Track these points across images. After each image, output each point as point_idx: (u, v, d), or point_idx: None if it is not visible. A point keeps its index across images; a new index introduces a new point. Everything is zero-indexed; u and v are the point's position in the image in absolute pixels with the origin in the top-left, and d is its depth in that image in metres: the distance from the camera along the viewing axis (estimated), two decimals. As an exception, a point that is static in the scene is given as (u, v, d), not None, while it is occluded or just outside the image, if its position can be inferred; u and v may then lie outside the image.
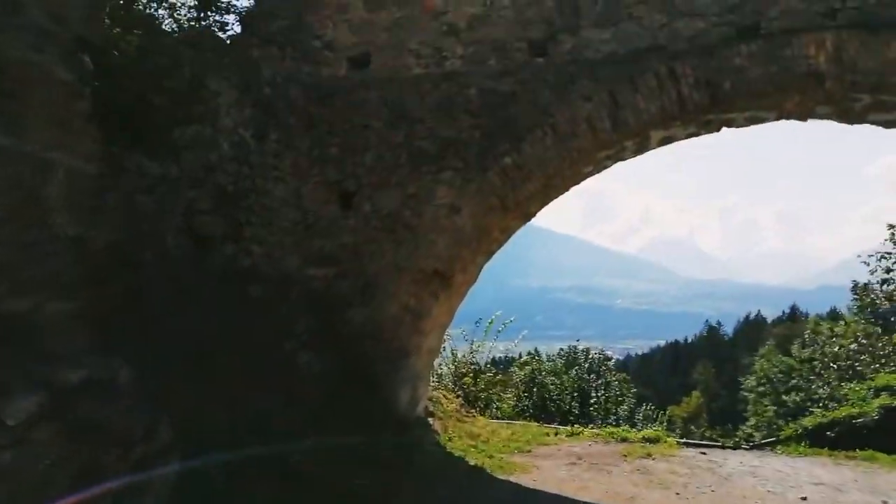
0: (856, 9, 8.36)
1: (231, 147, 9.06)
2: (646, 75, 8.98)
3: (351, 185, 10.06)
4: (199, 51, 8.57)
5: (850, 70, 8.34)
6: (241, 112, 9.20)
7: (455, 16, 9.82)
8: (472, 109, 9.62)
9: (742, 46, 8.68)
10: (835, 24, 8.41)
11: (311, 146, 10.22)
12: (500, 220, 9.71)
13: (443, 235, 9.63)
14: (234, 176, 9.11)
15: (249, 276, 9.21)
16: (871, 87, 8.37)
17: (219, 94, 8.85)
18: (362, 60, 10.23)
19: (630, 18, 9.15)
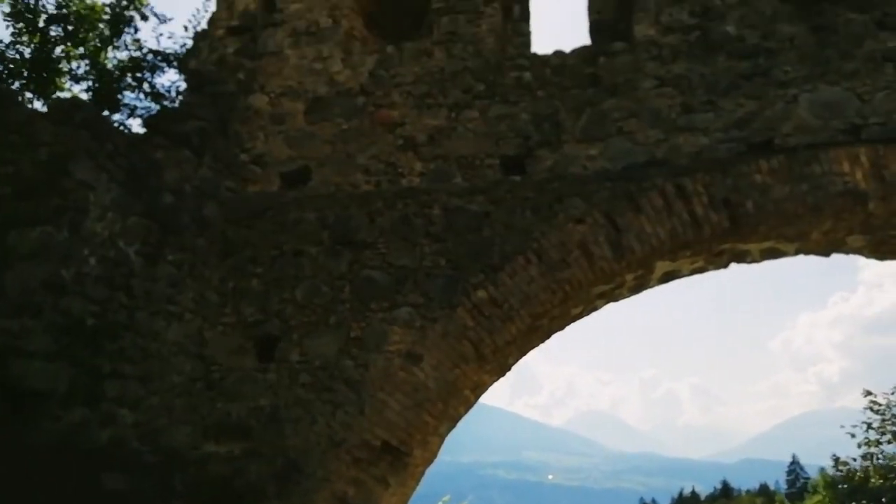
0: (881, 124, 5.32)
1: (101, 263, 4.64)
2: (649, 193, 5.48)
3: (274, 329, 5.70)
4: (66, 128, 4.37)
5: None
6: (122, 218, 4.88)
7: (414, 128, 6.17)
8: (435, 232, 5.72)
9: (762, 162, 5.39)
10: (859, 140, 5.30)
11: (224, 277, 5.89)
12: (473, 374, 5.51)
13: (397, 394, 5.31)
14: (101, 304, 4.61)
15: (107, 457, 4.43)
16: (922, 209, 5.15)
17: (90, 187, 4.55)
18: (299, 177, 6.29)
19: (620, 133, 5.78)
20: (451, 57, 6.36)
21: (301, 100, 6.54)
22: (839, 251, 5.95)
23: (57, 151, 4.40)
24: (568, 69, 6.18)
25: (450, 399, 5.36)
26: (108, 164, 4.69)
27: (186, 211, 5.59)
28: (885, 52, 5.54)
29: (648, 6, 6.11)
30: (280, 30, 6.86)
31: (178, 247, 5.45)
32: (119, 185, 4.82)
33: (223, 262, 5.97)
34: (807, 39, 5.72)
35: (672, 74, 5.87)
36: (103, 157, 4.65)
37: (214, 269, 5.89)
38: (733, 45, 5.83)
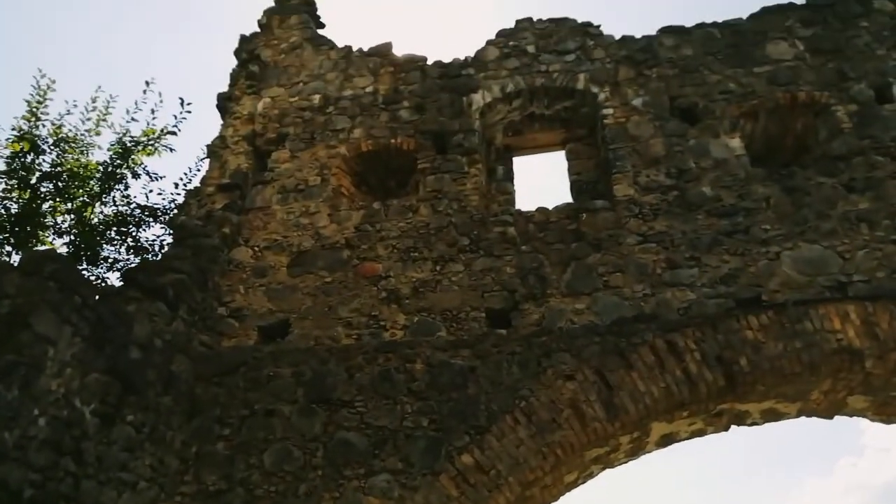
0: (865, 282, 5.43)
1: (50, 424, 4.33)
2: (640, 349, 5.38)
3: (238, 500, 5.23)
4: (33, 279, 4.36)
5: (894, 348, 5.09)
6: (82, 374, 4.65)
7: (398, 281, 6.20)
8: (417, 389, 5.50)
9: (752, 318, 5.38)
10: (847, 297, 5.36)
11: (188, 440, 5.52)
12: (456, 552, 4.97)
13: (370, 578, 4.73)
14: (44, 472, 4.23)
15: None
16: (922, 367, 5.06)
17: (50, 342, 4.39)
18: (278, 330, 6.18)
19: (606, 287, 5.83)
20: (437, 213, 6.58)
21: (285, 253, 6.63)
22: (842, 413, 5.74)
23: (20, 304, 4.30)
24: (551, 225, 6.38)
25: (432, 585, 4.77)
26: (73, 317, 4.57)
27: (153, 367, 5.37)
28: (859, 213, 5.80)
29: (626, 168, 6.49)
30: (269, 187, 7.16)
31: (140, 406, 5.15)
32: (83, 340, 4.65)
33: (188, 422, 5.63)
34: (782, 200, 6.02)
35: (654, 231, 6.07)
36: (69, 309, 4.54)
37: (178, 431, 5.53)
38: (711, 205, 6.10)
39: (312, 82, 7.89)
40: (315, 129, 7.48)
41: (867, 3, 7.00)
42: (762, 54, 6.93)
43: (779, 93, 6.67)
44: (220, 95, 8.13)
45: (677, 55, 7.14)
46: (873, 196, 5.85)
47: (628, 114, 6.86)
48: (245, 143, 7.58)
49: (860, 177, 5.98)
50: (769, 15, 7.16)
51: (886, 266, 5.47)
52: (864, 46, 6.74)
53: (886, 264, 5.48)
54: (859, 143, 6.17)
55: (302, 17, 8.65)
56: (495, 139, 7.53)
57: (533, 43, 7.61)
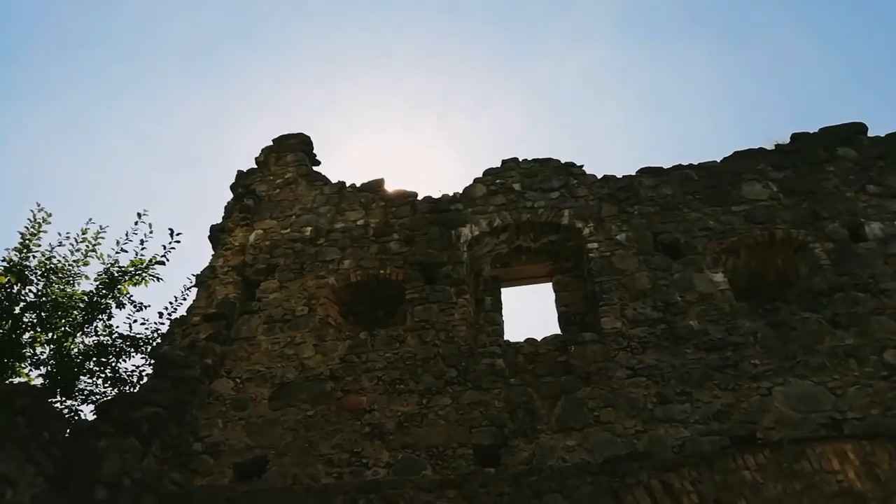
0: (860, 419, 5.49)
1: (1, 571, 4.13)
2: (635, 490, 5.29)
3: None
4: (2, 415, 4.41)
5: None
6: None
7: (383, 415, 6.18)
8: (400, 535, 5.28)
9: (748, 457, 5.36)
10: (843, 435, 5.40)
11: (147, 592, 5.20)
12: None
13: None
14: None
15: None
16: (929, 511, 4.98)
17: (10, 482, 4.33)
18: (255, 468, 6.04)
19: (598, 423, 5.84)
20: (424, 343, 6.70)
21: (267, 385, 6.64)
22: (857, 564, 5.51)
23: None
24: (540, 357, 6.49)
25: None
26: (39, 454, 4.51)
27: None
28: (846, 349, 5.97)
29: (612, 300, 6.73)
30: (256, 317, 7.31)
31: (100, 551, 4.91)
32: (46, 479, 4.55)
33: (149, 571, 5.33)
34: (769, 334, 6.21)
35: (644, 364, 6.18)
36: (36, 447, 4.49)
37: (137, 581, 5.22)
38: (699, 338, 6.27)
39: (305, 215, 8.34)
40: (305, 259, 7.79)
41: (832, 149, 7.67)
42: (738, 194, 7.47)
43: (756, 230, 7.10)
44: (213, 227, 8.53)
45: (657, 193, 7.67)
46: (858, 332, 6.06)
47: (613, 248, 7.24)
48: (234, 274, 7.84)
49: (843, 312, 6.22)
50: (741, 158, 7.80)
51: (879, 403, 5.55)
52: (834, 189, 7.29)
53: (879, 401, 5.56)
54: (839, 279, 6.49)
55: (298, 154, 9.32)
56: (483, 270, 7.84)
57: (519, 181, 8.17)
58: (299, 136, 9.54)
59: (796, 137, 7.91)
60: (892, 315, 6.09)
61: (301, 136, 9.55)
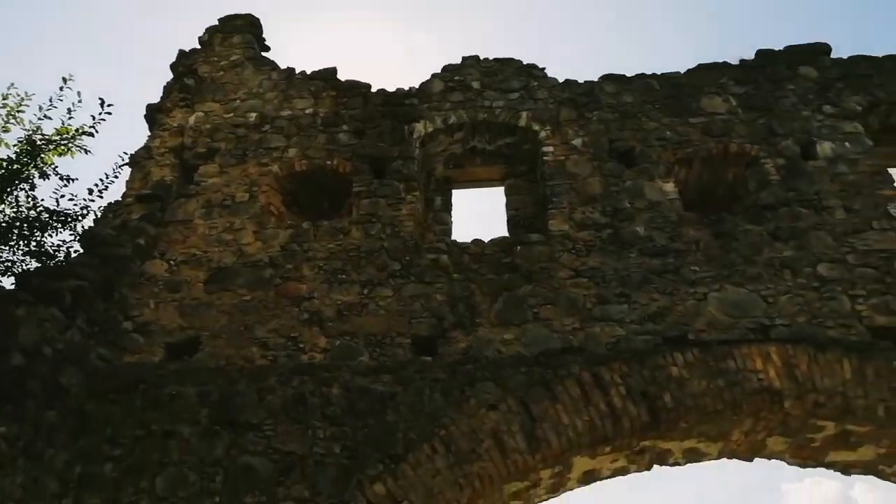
0: (787, 326, 5.86)
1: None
2: (566, 381, 5.58)
3: (121, 527, 5.00)
4: None
5: (811, 389, 5.47)
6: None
7: (322, 303, 6.27)
8: (333, 414, 5.50)
9: (677, 355, 5.69)
10: (769, 339, 5.76)
11: (70, 460, 5.30)
12: (360, 590, 4.87)
13: None
14: None
15: None
16: (838, 410, 5.44)
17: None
18: (187, 348, 6.10)
19: (536, 319, 6.06)
20: (369, 236, 6.75)
21: (203, 269, 6.62)
22: (761, 455, 6.02)
23: None
24: (486, 257, 6.63)
25: None
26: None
27: (38, 377, 5.19)
28: (783, 261, 6.28)
29: (562, 204, 6.87)
30: (193, 200, 7.20)
31: (16, 417, 4.94)
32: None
33: (75, 441, 5.42)
34: (711, 244, 6.46)
35: (587, 266, 6.39)
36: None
37: (61, 450, 5.30)
38: (643, 244, 6.49)
39: (250, 100, 8.10)
40: (248, 146, 7.63)
41: (794, 68, 7.80)
42: (697, 106, 7.57)
43: (712, 143, 7.26)
44: (150, 106, 8.22)
45: (617, 101, 7.72)
46: (796, 245, 6.36)
47: (568, 152, 7.31)
48: (171, 156, 7.65)
49: (785, 226, 6.51)
50: (704, 71, 7.87)
51: (807, 312, 5.91)
52: (791, 107, 7.47)
53: (807, 310, 5.92)
54: (785, 194, 6.75)
55: (245, 37, 8.94)
56: (435, 170, 7.84)
57: (478, 79, 8.08)
58: (247, 18, 9.13)
59: (761, 54, 8.00)
60: (830, 231, 6.40)
61: (249, 17, 9.15)
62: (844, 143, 7.05)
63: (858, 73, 7.64)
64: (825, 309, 5.88)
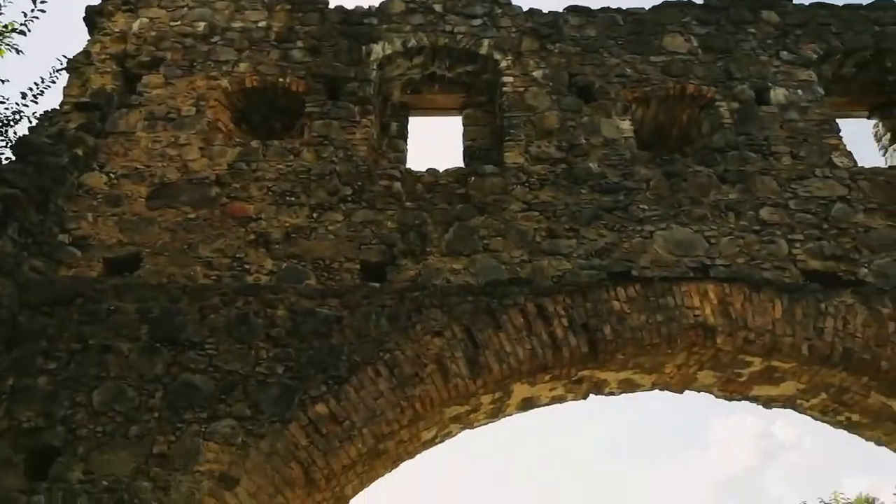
0: (726, 266, 5.99)
1: None
2: (511, 311, 5.63)
3: (56, 439, 4.92)
4: None
5: (742, 327, 5.66)
6: None
7: (270, 225, 6.09)
8: (277, 335, 5.43)
9: (620, 289, 5.78)
10: (708, 277, 5.90)
11: (2, 372, 5.13)
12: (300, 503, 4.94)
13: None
14: None
15: None
16: (766, 348, 5.66)
17: None
18: (127, 264, 5.88)
19: (486, 251, 6.04)
20: (320, 159, 6.53)
21: (145, 183, 6.32)
22: (691, 388, 6.28)
23: None
24: (440, 187, 6.51)
25: (266, 535, 4.71)
26: None
27: (-32, 285, 4.93)
28: (728, 203, 6.37)
29: (519, 136, 6.76)
30: (136, 111, 6.80)
31: (-54, 325, 4.72)
32: None
33: (6, 353, 5.23)
34: (661, 183, 6.49)
35: (539, 200, 6.35)
36: None
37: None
38: (596, 181, 6.47)
39: (199, 8, 7.59)
40: (196, 57, 7.19)
41: (756, 12, 7.71)
42: (659, 45, 7.46)
43: (671, 83, 7.20)
44: (90, 8, 7.63)
45: (580, 34, 7.52)
46: (742, 188, 6.45)
47: (528, 84, 7.15)
48: (113, 63, 7.17)
49: (733, 169, 6.57)
50: (669, 8, 7.72)
51: (746, 254, 6.05)
52: (751, 50, 7.42)
53: (746, 252, 6.06)
54: (736, 138, 6.79)
55: (195, -61, 8.27)
56: (392, 95, 7.58)
57: (441, 2, 7.74)
58: (197, -82, 8.41)
59: (726, -6, 7.87)
60: (775, 177, 6.50)
61: (199, -83, 8.43)
62: (797, 91, 7.08)
63: (818, 22, 7.61)
64: (763, 251, 6.03)
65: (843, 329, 5.64)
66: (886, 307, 5.73)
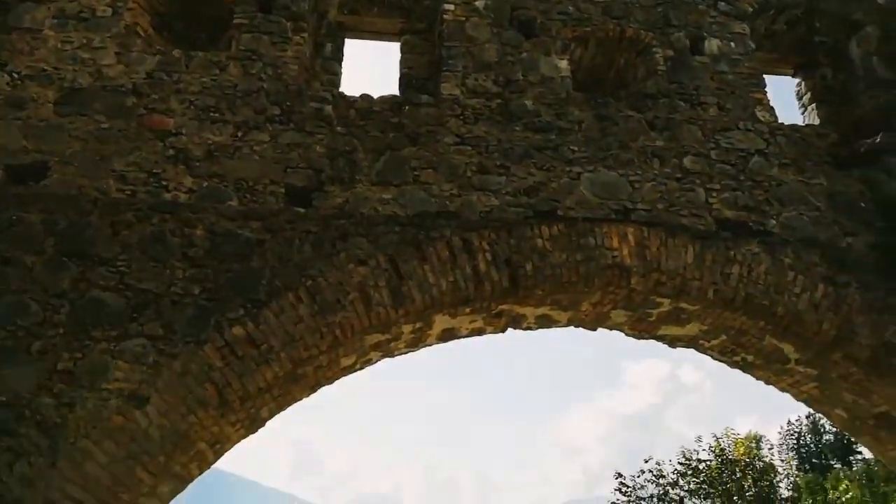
0: (647, 211, 6.13)
1: None
2: (436, 244, 5.60)
3: (-49, 353, 4.61)
4: None
5: (656, 269, 5.85)
6: None
7: (191, 140, 5.75)
8: (195, 255, 5.23)
9: (544, 228, 5.84)
10: (629, 220, 6.04)
11: None
12: (212, 424, 4.90)
13: (106, 442, 4.50)
14: None
15: None
16: (676, 290, 5.89)
17: None
18: (32, 173, 5.45)
19: (416, 182, 5.94)
20: (248, 75, 6.16)
21: (54, 87, 5.81)
22: (604, 326, 6.51)
23: None
24: (373, 114, 6.29)
25: (177, 453, 4.65)
26: None
27: None
28: (654, 150, 6.46)
29: (457, 68, 6.56)
30: (43, 7, 6.17)
31: None
32: None
33: None
34: (593, 125, 6.49)
35: (472, 134, 6.25)
36: None
37: None
38: (530, 118, 6.41)
39: None
40: (113, -49, 6.52)
41: (700, -41, 7.63)
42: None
43: (611, 24, 7.10)
44: None
45: (526, -33, 7.25)
46: (669, 136, 6.54)
47: (469, 14, 6.89)
48: (18, -50, 6.41)
49: (662, 117, 6.64)
50: (615, -52, 7.52)
51: (666, 200, 6.19)
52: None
53: (667, 198, 6.20)
54: (668, 86, 6.82)
55: None
56: (328, 13, 7.16)
57: (384, -82, 7.27)
58: None
59: (674, -63, 7.72)
60: (701, 126, 6.61)
61: None
62: (730, 43, 7.14)
63: (756, -26, 7.62)
64: (682, 199, 6.19)
65: (748, 276, 5.92)
66: (788, 257, 6.03)
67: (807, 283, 5.96)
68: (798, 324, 5.93)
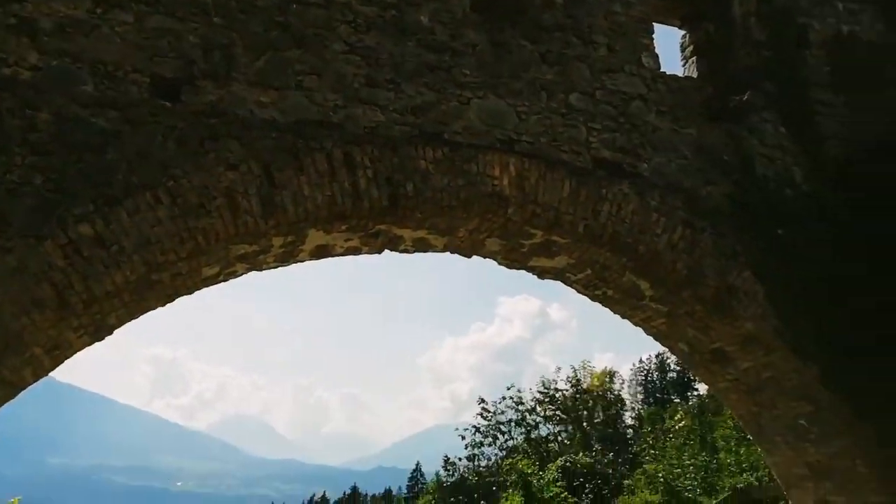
0: (530, 143, 6.15)
1: None
2: (315, 155, 5.31)
3: None
4: None
5: (532, 201, 5.92)
6: None
7: (38, 10, 4.96)
8: (38, 141, 4.61)
9: (428, 150, 5.70)
10: (513, 151, 6.03)
11: None
12: (51, 328, 4.46)
13: (-78, 340, 3.97)
14: None
15: None
16: (549, 222, 6.02)
17: None
18: None
19: (299, 88, 5.53)
20: (111, -57, 5.36)
21: None
22: (479, 253, 6.57)
23: None
24: (257, 9, 5.72)
25: (8, 355, 4.21)
26: None
27: None
28: (543, 83, 6.41)
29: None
30: None
31: None
32: None
33: None
34: (487, 50, 6.31)
35: (363, 44, 5.87)
36: None
37: None
38: (424, 35, 6.11)
39: None
40: None
41: None
42: None
43: (516, -54, 6.83)
44: None
45: None
46: (559, 71, 6.50)
47: (373, -87, 6.35)
48: None
49: (555, 51, 6.57)
50: None
51: (549, 134, 6.22)
52: (596, -67, 7.23)
53: (550, 133, 6.22)
54: (564, 20, 6.73)
55: None
56: None
57: None
58: None
59: None
60: (591, 65, 6.62)
61: None
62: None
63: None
64: (565, 134, 6.24)
65: (616, 214, 6.14)
66: (654, 200, 6.31)
67: (668, 225, 6.28)
68: (656, 262, 6.28)
